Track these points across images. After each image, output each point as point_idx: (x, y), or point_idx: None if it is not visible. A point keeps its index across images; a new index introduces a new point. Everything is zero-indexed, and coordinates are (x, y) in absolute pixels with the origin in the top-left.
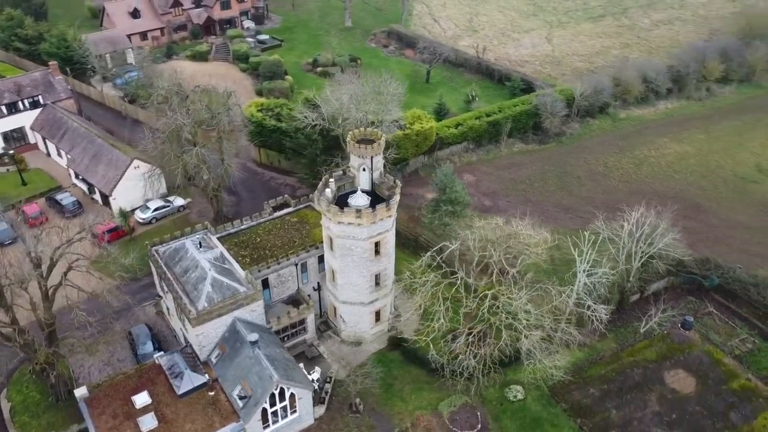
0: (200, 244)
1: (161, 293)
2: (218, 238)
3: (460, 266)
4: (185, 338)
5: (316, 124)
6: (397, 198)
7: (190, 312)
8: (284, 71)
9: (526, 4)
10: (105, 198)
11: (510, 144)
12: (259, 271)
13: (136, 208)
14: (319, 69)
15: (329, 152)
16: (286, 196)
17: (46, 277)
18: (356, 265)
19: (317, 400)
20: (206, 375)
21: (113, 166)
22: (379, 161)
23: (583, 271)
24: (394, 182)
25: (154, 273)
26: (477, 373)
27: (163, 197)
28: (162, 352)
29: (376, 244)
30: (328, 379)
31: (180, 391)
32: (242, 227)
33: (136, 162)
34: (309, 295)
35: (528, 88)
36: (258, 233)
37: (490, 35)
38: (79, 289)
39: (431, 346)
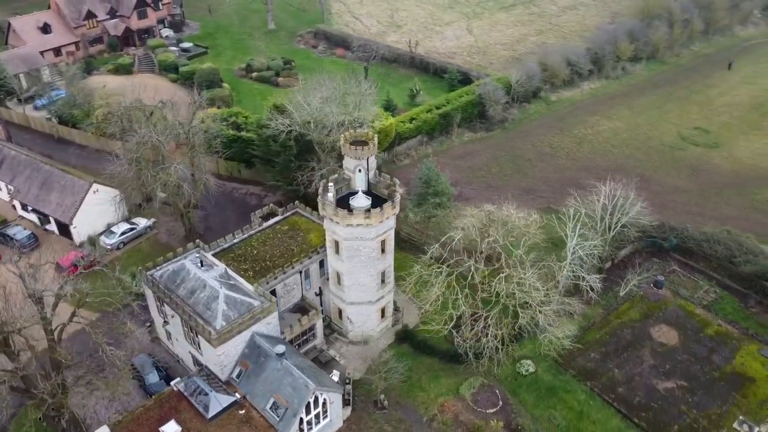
0: (201, 262)
1: (166, 318)
2: (213, 255)
3: (468, 255)
4: (196, 361)
5: (291, 130)
6: (399, 195)
7: (210, 333)
8: (220, 79)
9: None
10: (63, 227)
11: (460, 134)
12: (268, 282)
13: (100, 234)
14: (254, 74)
15: (302, 157)
16: (271, 205)
17: (51, 316)
18: (364, 265)
19: (342, 402)
20: (236, 394)
21: (69, 192)
22: (372, 161)
23: (575, 245)
24: (392, 180)
25: (150, 298)
26: (498, 352)
27: (127, 220)
28: (179, 379)
29: (382, 243)
30: (347, 381)
31: (210, 414)
32: (235, 241)
33: (95, 186)
34: (306, 298)
35: (464, 79)
36: (253, 245)
37: (414, 30)
38: (94, 325)
39: (455, 333)
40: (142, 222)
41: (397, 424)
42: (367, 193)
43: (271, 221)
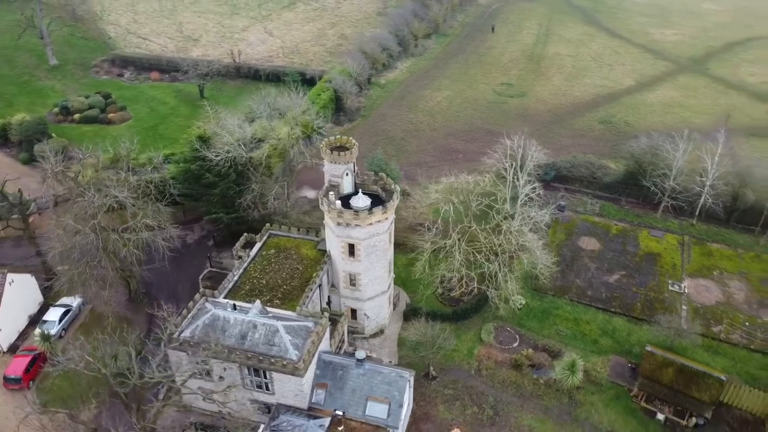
0: (234, 306)
1: (219, 375)
2: (224, 297)
3: (458, 223)
4: (259, 406)
5: (234, 156)
6: (398, 187)
7: (294, 365)
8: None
9: (218, 5)
10: None
11: (331, 129)
12: (305, 303)
13: (25, 330)
14: (76, 116)
15: (239, 182)
16: (246, 234)
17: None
18: (378, 259)
19: None
20: (336, 410)
21: None
22: (354, 164)
23: (524, 193)
24: (377, 175)
25: (179, 363)
26: (513, 293)
27: (53, 305)
28: (262, 426)
29: (390, 233)
30: None
31: None
32: (236, 279)
33: (9, 276)
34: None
35: (304, 79)
36: (256, 277)
37: (214, 41)
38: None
39: (484, 288)
40: (74, 301)
41: (453, 384)
42: (356, 193)
43: (255, 249)
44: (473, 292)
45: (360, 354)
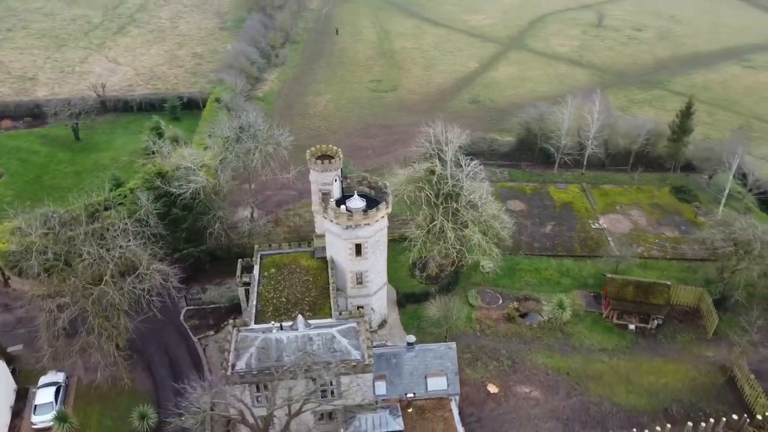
0: (281, 326)
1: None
2: (255, 324)
3: (435, 207)
4: (324, 416)
5: (204, 186)
6: (389, 184)
7: (364, 365)
8: None
9: (36, 38)
10: None
11: None
12: (337, 309)
13: (12, 423)
14: None
15: (204, 211)
16: (241, 260)
17: None
18: (381, 252)
19: None
20: (406, 394)
21: None
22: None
23: (468, 170)
24: (360, 176)
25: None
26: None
27: (36, 387)
28: None
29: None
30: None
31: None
32: (255, 304)
33: None
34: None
35: (183, 103)
36: (273, 296)
37: (55, 77)
38: None
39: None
40: (59, 376)
41: (467, 348)
42: (348, 196)
43: (256, 272)
44: (448, 266)
45: (410, 338)
